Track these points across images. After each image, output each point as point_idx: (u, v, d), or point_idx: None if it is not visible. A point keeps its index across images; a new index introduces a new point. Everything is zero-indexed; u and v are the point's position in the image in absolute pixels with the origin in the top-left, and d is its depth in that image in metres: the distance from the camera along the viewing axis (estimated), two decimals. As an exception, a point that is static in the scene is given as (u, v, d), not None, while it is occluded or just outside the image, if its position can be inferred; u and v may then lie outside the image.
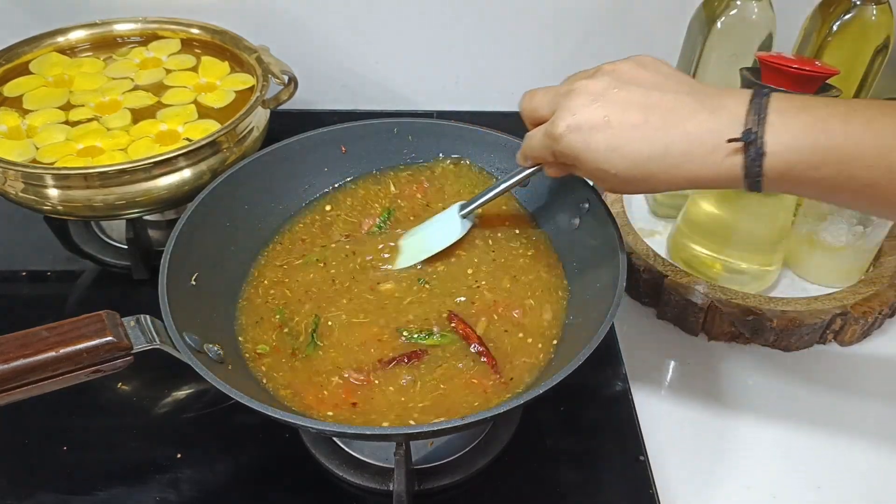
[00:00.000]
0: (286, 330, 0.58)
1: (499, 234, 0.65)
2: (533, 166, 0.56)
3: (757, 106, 0.43)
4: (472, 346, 0.56)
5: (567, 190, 0.63)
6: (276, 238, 0.65)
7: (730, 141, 0.42)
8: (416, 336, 0.57)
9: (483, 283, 0.61)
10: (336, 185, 0.69)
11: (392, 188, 0.68)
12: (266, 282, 0.62)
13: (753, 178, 0.43)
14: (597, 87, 0.47)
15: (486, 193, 0.60)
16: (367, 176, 0.69)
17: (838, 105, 0.42)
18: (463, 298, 0.60)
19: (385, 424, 0.51)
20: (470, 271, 0.62)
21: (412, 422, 0.51)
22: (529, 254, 0.64)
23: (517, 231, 0.66)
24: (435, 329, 0.58)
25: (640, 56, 0.49)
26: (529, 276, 0.62)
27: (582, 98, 0.47)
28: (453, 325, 0.58)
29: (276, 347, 0.57)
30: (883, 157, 0.41)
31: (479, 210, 0.63)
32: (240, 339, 0.57)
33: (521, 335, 0.58)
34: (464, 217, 0.63)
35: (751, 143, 0.42)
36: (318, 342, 0.57)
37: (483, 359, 0.55)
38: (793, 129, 0.42)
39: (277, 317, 0.59)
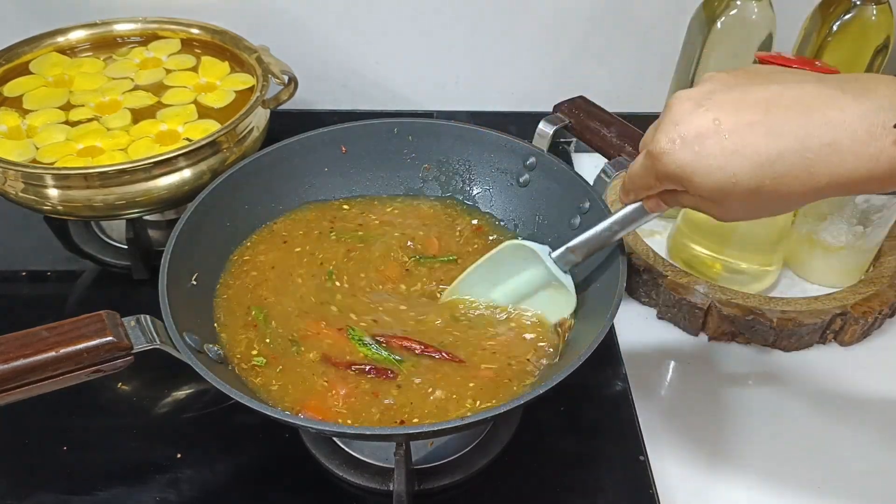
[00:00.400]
0: (266, 333, 0.57)
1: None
2: (635, 202, 0.49)
3: None
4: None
5: (567, 190, 0.63)
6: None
7: None
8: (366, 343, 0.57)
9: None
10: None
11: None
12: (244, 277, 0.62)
13: None
14: (700, 92, 0.40)
15: (575, 239, 0.55)
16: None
17: None
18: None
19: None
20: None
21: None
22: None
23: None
24: (367, 339, 0.57)
25: (746, 66, 0.43)
26: None
27: (684, 105, 0.40)
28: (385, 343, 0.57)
29: (272, 357, 0.56)
30: None
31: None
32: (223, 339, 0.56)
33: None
34: (557, 262, 0.56)
35: None
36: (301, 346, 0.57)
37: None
38: None
39: (254, 313, 0.58)
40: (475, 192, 0.70)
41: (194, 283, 0.57)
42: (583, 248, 0.55)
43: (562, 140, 0.91)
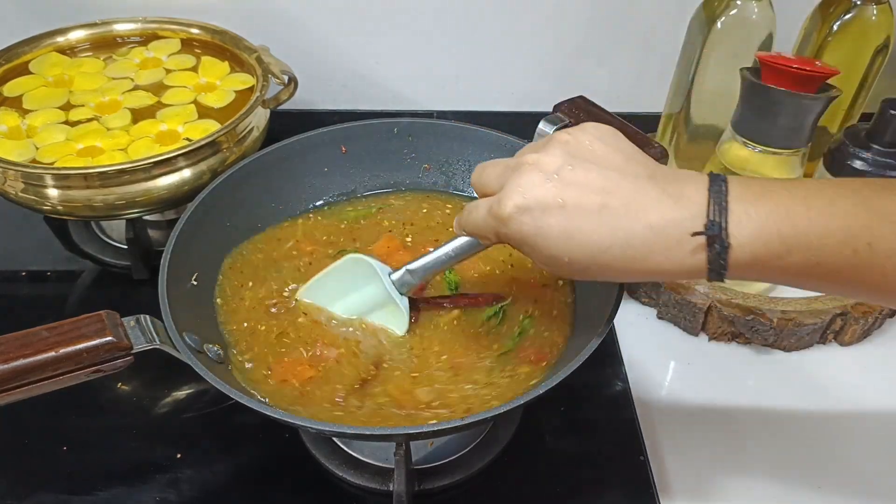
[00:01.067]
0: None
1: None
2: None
3: (716, 194, 0.41)
4: None
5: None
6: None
7: (694, 235, 0.40)
8: None
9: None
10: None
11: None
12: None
13: (718, 270, 0.41)
14: (550, 164, 0.43)
15: (414, 262, 0.55)
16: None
17: (797, 188, 0.41)
18: None
19: None
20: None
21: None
22: None
23: None
24: None
25: (598, 125, 0.45)
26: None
27: (533, 175, 0.43)
28: None
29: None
30: (847, 243, 0.39)
31: None
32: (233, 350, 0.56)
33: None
34: (395, 283, 0.57)
35: (715, 236, 0.40)
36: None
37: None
38: (755, 218, 0.40)
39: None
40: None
41: (194, 283, 0.57)
42: (420, 271, 0.55)
43: (562, 140, 0.91)
